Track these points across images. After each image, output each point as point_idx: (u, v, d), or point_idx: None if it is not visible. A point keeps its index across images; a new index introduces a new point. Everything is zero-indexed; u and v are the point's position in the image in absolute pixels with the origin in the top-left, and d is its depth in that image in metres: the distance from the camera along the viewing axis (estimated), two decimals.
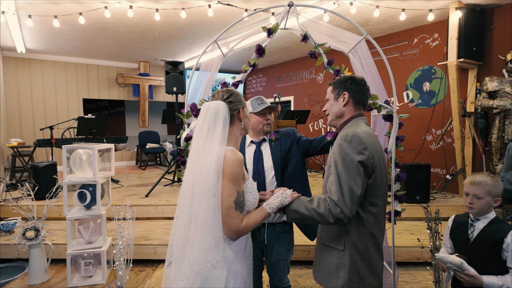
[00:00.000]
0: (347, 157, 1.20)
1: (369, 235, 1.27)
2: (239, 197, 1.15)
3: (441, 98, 4.36)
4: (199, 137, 1.20)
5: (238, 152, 1.18)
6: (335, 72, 1.94)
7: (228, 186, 1.14)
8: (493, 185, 1.46)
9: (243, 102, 1.30)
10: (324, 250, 1.35)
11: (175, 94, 4.70)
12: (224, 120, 1.20)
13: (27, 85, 6.31)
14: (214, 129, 1.19)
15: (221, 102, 1.23)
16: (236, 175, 1.14)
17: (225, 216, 1.14)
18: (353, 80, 1.38)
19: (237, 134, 1.29)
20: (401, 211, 2.00)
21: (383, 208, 1.32)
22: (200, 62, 2.15)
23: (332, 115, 1.42)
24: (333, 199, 1.18)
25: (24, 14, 3.93)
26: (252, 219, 1.19)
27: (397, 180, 1.98)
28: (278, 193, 1.26)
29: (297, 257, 2.87)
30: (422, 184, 3.67)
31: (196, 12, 4.01)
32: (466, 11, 3.66)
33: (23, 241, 2.53)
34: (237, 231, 1.15)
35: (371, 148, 1.23)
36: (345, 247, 1.27)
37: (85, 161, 2.61)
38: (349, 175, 1.18)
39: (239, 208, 1.15)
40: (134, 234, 2.60)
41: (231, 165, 1.14)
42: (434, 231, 2.18)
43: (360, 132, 1.24)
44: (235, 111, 1.26)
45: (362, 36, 1.99)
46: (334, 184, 1.20)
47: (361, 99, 1.38)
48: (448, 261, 1.46)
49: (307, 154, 1.92)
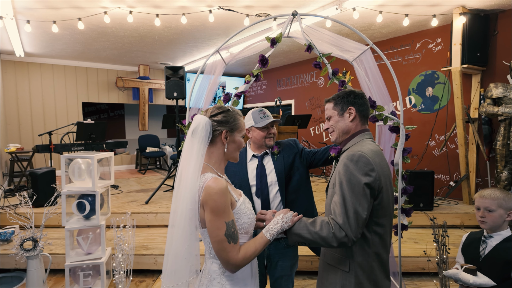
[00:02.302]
0: (353, 178, 1.16)
1: (375, 255, 1.23)
2: (229, 228, 1.06)
3: (444, 104, 4.32)
4: (183, 153, 1.14)
5: (221, 180, 1.09)
6: (340, 82, 1.89)
7: (214, 221, 1.06)
8: (503, 198, 1.42)
9: (234, 125, 1.17)
10: (328, 269, 1.31)
11: (175, 99, 4.65)
12: (203, 138, 1.10)
13: (26, 89, 6.26)
14: (192, 146, 1.11)
15: (204, 117, 1.14)
16: (221, 207, 1.05)
17: (219, 251, 1.07)
18: (355, 94, 1.34)
19: (220, 156, 1.18)
20: (408, 225, 1.95)
21: (389, 228, 1.29)
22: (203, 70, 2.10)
23: (338, 132, 1.35)
24: (337, 222, 1.14)
25: (23, 20, 3.88)
26: (251, 248, 1.11)
27: (404, 193, 1.94)
28: (278, 217, 1.19)
29: (300, 267, 2.81)
30: (425, 191, 3.62)
31: (197, 17, 3.97)
32: (470, 16, 3.62)
33: (20, 252, 2.48)
34: (235, 263, 1.07)
35: (378, 168, 1.18)
36: (350, 268, 1.22)
37: (84, 170, 2.57)
38: (355, 197, 1.14)
39: (232, 240, 1.06)
40: (134, 245, 2.56)
41: (213, 197, 1.05)
42: (441, 243, 2.14)
43: (367, 152, 1.20)
44: (217, 131, 1.15)
45: (368, 46, 1.95)
46: (339, 206, 1.16)
47: (366, 113, 1.34)
48: (457, 278, 1.42)
49: (311, 166, 1.87)
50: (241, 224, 1.14)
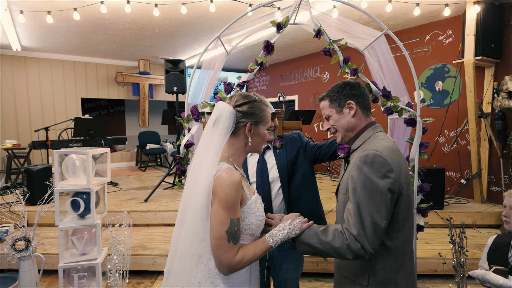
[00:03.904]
0: (369, 182, 1.01)
1: (398, 266, 1.07)
2: (232, 226, 0.96)
3: (455, 98, 4.14)
4: (201, 141, 1.04)
5: (235, 173, 0.99)
6: (352, 71, 1.74)
7: (219, 213, 0.95)
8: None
9: (260, 117, 1.08)
10: (345, 282, 1.16)
11: (175, 94, 4.51)
12: (225, 129, 1.02)
13: (24, 84, 6.13)
14: (213, 135, 1.02)
15: (229, 107, 1.04)
16: (230, 201, 0.96)
17: (215, 247, 0.96)
18: (351, 85, 1.18)
19: (241, 148, 1.09)
20: (424, 225, 1.81)
21: (411, 233, 1.13)
22: (202, 60, 1.96)
23: (342, 131, 1.19)
24: (352, 232, 1.00)
25: (16, 10, 3.74)
26: (249, 252, 1.00)
27: (420, 191, 1.79)
28: (285, 223, 1.07)
29: (305, 269, 2.67)
30: (436, 189, 3.46)
31: (197, 7, 3.81)
32: (485, 6, 3.44)
33: (12, 252, 2.36)
34: (229, 266, 0.96)
35: (396, 168, 1.03)
36: (369, 282, 1.07)
37: (78, 167, 2.43)
38: (372, 203, 0.99)
39: (232, 240, 0.96)
40: (130, 245, 2.43)
41: (224, 189, 0.96)
42: (459, 245, 1.99)
43: (382, 150, 1.04)
44: (241, 123, 1.05)
45: (381, 31, 1.79)
46: (353, 215, 1.01)
47: (367, 103, 1.19)
48: (485, 279, 1.28)
49: (316, 161, 1.72)
50: (247, 224, 1.03)
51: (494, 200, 3.78)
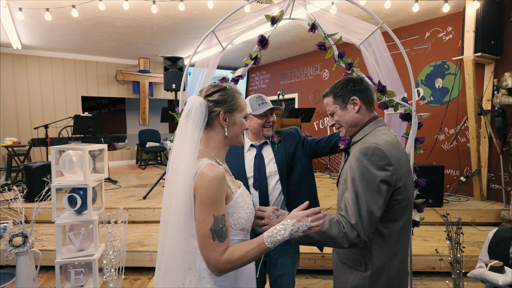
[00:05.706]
0: (367, 173, 1.05)
1: (392, 254, 1.12)
2: (217, 223, 0.93)
3: (455, 95, 4.12)
4: (176, 137, 1.02)
5: (217, 168, 0.96)
6: (347, 65, 1.73)
7: (201, 211, 0.93)
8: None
9: (233, 104, 1.04)
10: (342, 268, 1.21)
11: (174, 91, 4.51)
12: (197, 120, 0.98)
13: (24, 82, 6.15)
14: (187, 129, 0.98)
15: (199, 98, 1.01)
16: (212, 197, 0.93)
17: (201, 247, 0.94)
18: (354, 81, 1.21)
19: (220, 142, 1.05)
20: (419, 221, 1.80)
21: (408, 224, 1.16)
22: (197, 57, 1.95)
23: (346, 126, 1.22)
24: (349, 221, 1.03)
25: (15, 7, 3.75)
26: (239, 252, 0.93)
27: (416, 186, 1.78)
28: (288, 222, 0.96)
29: (302, 265, 2.68)
30: (435, 187, 3.45)
31: (196, 4, 3.81)
32: (484, 2, 3.41)
33: (9, 248, 2.37)
34: (216, 265, 0.92)
35: (395, 162, 1.07)
36: (367, 268, 1.12)
37: (75, 163, 2.44)
38: (369, 194, 1.03)
39: (217, 237, 0.92)
40: (126, 242, 2.43)
41: (205, 185, 0.92)
42: (455, 241, 1.98)
43: (382, 144, 1.08)
44: (214, 113, 1.02)
45: (377, 26, 1.78)
46: (351, 204, 1.05)
47: (370, 99, 1.22)
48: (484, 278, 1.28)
49: (314, 155, 1.72)
50: (236, 219, 1.01)
51: (493, 198, 3.76)
